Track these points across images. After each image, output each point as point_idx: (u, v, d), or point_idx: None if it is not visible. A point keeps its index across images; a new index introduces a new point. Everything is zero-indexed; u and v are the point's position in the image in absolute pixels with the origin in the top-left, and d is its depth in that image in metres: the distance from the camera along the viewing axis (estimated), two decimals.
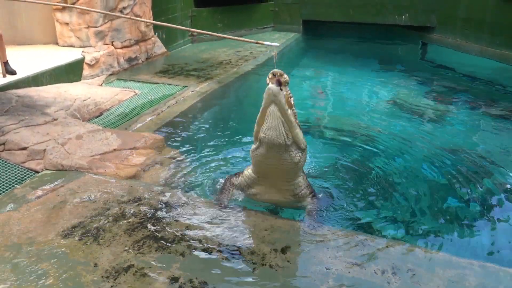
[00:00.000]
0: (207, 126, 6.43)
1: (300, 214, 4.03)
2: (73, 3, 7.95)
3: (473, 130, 6.53)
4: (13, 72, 6.65)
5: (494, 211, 4.39)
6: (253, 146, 3.79)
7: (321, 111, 7.24)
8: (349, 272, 3.13)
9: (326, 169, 5.09)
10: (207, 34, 5.75)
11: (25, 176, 4.51)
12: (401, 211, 4.28)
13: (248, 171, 4.07)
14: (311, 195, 4.09)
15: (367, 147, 5.74)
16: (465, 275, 3.09)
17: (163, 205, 3.98)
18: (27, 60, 7.40)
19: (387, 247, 3.41)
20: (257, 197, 4.07)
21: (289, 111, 3.54)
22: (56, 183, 4.34)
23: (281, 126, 3.52)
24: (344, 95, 8.23)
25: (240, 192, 4.20)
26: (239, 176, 4.21)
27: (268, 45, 4.74)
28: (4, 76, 6.62)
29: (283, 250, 3.38)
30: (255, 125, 3.70)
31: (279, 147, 3.59)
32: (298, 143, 3.69)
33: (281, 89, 3.45)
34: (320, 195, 4.27)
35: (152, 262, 3.23)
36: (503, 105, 7.38)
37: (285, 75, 3.47)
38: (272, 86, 3.44)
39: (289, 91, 3.57)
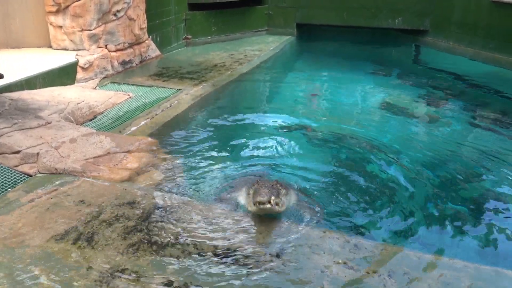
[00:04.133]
0: (202, 129, 6.42)
1: (296, 217, 4.03)
2: (67, 7, 7.93)
3: (466, 133, 6.55)
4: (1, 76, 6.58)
5: (487, 213, 4.41)
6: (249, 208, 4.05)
7: (314, 114, 7.25)
8: (345, 275, 3.13)
9: (320, 173, 5.10)
10: None
11: (18, 179, 4.48)
12: (395, 214, 4.28)
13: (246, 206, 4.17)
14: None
15: (361, 150, 5.74)
16: (460, 277, 3.10)
17: (158, 209, 3.96)
18: (21, 63, 7.36)
19: (382, 250, 3.41)
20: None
21: (280, 205, 3.83)
22: (49, 186, 4.31)
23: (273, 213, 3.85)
24: (338, 97, 8.25)
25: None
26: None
27: None
28: None
29: (278, 254, 3.37)
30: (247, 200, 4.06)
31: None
32: (287, 209, 4.02)
33: (272, 203, 3.73)
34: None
35: (147, 266, 3.21)
36: (496, 109, 7.41)
37: (271, 199, 3.72)
38: (263, 206, 3.73)
39: (278, 199, 3.82)
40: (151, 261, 3.27)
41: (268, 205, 3.68)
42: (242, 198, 4.18)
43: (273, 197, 3.71)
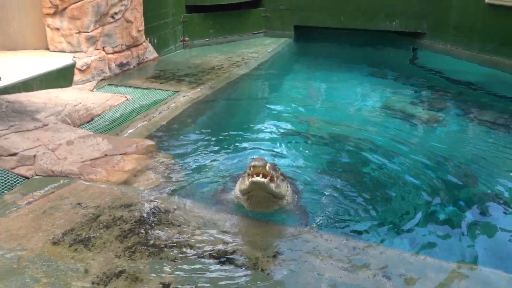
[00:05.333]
0: (199, 131, 6.42)
1: (293, 219, 4.03)
2: (64, 9, 7.93)
3: (463, 135, 6.56)
4: None
5: (485, 215, 4.42)
6: (238, 194, 3.99)
7: (312, 116, 7.25)
8: (341, 277, 3.13)
9: (318, 174, 5.10)
10: None
11: (15, 182, 4.47)
12: (392, 216, 4.29)
13: (237, 193, 4.10)
14: (294, 201, 4.23)
15: (358, 152, 5.75)
16: (457, 279, 3.10)
17: (155, 211, 3.95)
18: (18, 65, 7.35)
19: (379, 252, 3.41)
20: (245, 206, 4.06)
21: (275, 184, 3.71)
22: (46, 189, 4.30)
23: (267, 198, 3.80)
24: (336, 100, 8.26)
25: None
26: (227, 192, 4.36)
27: None
28: None
29: (276, 256, 3.37)
30: (239, 182, 3.98)
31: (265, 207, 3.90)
32: (283, 195, 3.93)
33: (268, 169, 3.58)
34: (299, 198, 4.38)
35: (144, 268, 3.20)
36: (493, 111, 7.43)
37: (267, 165, 3.56)
38: (257, 179, 3.55)
39: (274, 172, 3.73)
40: (148, 263, 3.26)
41: (263, 179, 3.52)
42: (236, 185, 4.13)
43: (269, 165, 3.54)
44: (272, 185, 3.65)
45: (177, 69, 9.29)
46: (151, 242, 3.51)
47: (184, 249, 3.43)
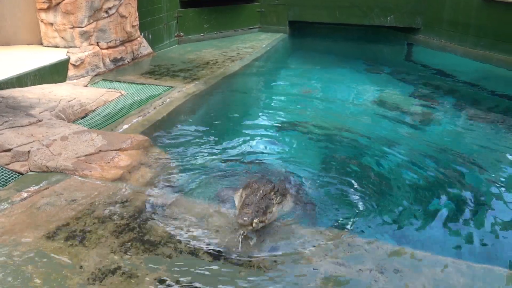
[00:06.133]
0: (194, 127, 6.41)
1: (290, 216, 4.04)
2: (58, 4, 7.88)
3: (457, 130, 6.58)
4: None
5: (479, 211, 4.44)
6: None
7: (307, 111, 7.26)
8: (336, 272, 3.14)
9: (313, 170, 5.10)
10: None
11: (9, 178, 4.45)
12: (387, 212, 4.30)
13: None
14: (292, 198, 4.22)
15: (353, 148, 5.76)
16: (451, 274, 3.12)
17: (150, 207, 3.95)
18: (11, 60, 7.31)
19: (375, 247, 3.42)
20: None
21: (267, 221, 3.64)
22: (41, 185, 4.28)
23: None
24: (330, 95, 8.27)
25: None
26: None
27: None
28: None
29: (271, 251, 3.37)
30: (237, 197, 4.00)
31: None
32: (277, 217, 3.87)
33: (254, 226, 3.47)
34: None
35: (139, 264, 3.20)
36: (487, 106, 7.46)
37: (253, 222, 3.44)
38: (245, 229, 3.49)
39: (266, 217, 3.62)
40: (143, 259, 3.26)
41: (250, 227, 3.44)
42: (235, 199, 4.12)
43: (255, 220, 3.43)
44: (262, 225, 3.56)
45: (171, 64, 9.27)
46: (146, 238, 3.51)
47: (180, 245, 3.43)
